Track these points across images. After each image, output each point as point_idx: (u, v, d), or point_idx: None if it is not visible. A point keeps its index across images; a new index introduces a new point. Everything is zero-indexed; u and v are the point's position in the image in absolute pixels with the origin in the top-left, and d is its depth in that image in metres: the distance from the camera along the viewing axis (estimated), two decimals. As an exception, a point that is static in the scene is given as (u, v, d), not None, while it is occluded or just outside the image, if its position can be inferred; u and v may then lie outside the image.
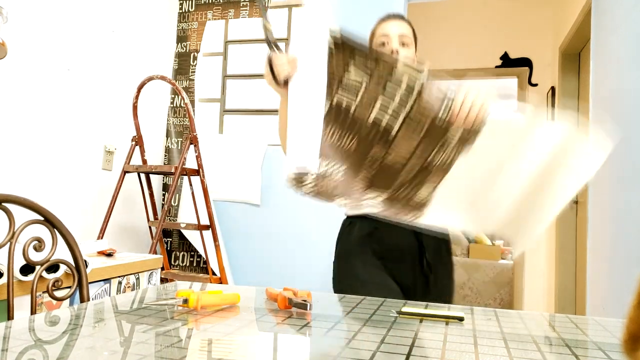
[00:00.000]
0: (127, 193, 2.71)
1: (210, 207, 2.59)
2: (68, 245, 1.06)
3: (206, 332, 0.64)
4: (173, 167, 2.42)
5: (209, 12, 3.07)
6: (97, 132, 2.47)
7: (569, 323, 0.77)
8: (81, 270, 1.06)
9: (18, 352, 0.53)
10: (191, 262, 2.98)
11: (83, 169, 2.39)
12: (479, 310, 0.86)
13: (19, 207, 0.98)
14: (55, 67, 2.19)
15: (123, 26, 2.62)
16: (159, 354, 0.54)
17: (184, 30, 3.12)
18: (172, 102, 3.10)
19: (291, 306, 0.78)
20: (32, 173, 2.09)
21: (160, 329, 0.65)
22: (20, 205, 0.99)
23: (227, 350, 0.57)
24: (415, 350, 0.59)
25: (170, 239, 3.01)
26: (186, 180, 2.92)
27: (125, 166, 2.46)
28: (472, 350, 0.59)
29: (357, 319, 0.74)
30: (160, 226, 2.35)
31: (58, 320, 0.68)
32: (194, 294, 0.76)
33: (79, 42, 2.32)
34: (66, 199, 2.28)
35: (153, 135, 2.96)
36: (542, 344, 0.64)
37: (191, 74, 3.07)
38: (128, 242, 2.76)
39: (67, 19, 2.24)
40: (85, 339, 0.59)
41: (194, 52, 3.08)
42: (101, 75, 2.47)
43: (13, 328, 0.63)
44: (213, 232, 2.59)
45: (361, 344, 0.61)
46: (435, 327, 0.71)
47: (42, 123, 2.13)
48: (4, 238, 0.96)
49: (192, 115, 2.54)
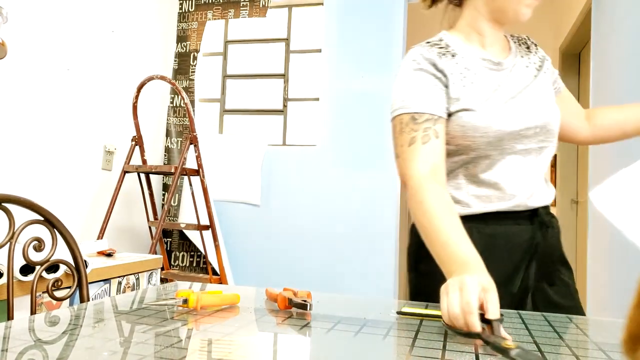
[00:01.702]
0: (127, 193, 2.71)
1: (210, 207, 2.59)
2: (68, 246, 1.06)
3: (206, 332, 0.64)
4: (173, 167, 2.42)
5: (209, 12, 3.07)
6: (97, 132, 2.47)
7: (569, 323, 0.77)
8: (81, 270, 1.06)
9: (18, 352, 0.53)
10: (191, 262, 2.98)
11: (83, 169, 2.39)
12: (479, 310, 0.85)
13: (19, 207, 0.98)
14: (55, 67, 2.19)
15: (123, 26, 2.62)
16: (158, 354, 0.54)
17: (184, 30, 3.12)
18: (172, 102, 3.10)
19: (291, 306, 0.78)
20: (32, 173, 2.09)
21: (160, 329, 0.65)
22: (20, 205, 0.99)
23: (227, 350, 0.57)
24: (415, 350, 0.59)
25: (170, 239, 3.01)
26: (186, 180, 2.92)
27: (125, 166, 2.46)
28: (472, 351, 0.59)
29: (357, 319, 0.74)
30: (160, 226, 2.35)
31: (58, 321, 0.68)
32: (194, 294, 0.76)
33: (79, 42, 2.32)
34: (66, 199, 2.28)
35: (153, 135, 2.96)
36: (542, 344, 0.64)
37: (191, 74, 3.07)
38: (128, 242, 2.76)
39: (67, 19, 2.24)
40: (85, 339, 0.59)
41: (194, 52, 3.08)
42: (101, 75, 2.48)
43: (13, 328, 0.63)
44: (213, 232, 2.59)
45: (361, 344, 0.61)
46: (435, 327, 0.71)
47: (42, 123, 2.13)
48: (4, 238, 0.96)
49: (192, 115, 2.54)
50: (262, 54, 3.13)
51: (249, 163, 2.94)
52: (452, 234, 0.79)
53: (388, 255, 2.68)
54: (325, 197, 2.81)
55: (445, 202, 0.85)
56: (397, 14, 2.78)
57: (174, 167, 2.42)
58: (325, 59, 2.89)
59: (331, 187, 2.80)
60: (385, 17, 2.80)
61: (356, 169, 2.77)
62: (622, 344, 0.41)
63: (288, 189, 2.88)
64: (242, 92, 3.17)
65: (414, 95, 0.94)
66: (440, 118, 0.93)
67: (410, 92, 0.95)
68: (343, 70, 2.85)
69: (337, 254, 2.76)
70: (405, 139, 0.92)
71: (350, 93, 2.82)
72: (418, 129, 0.91)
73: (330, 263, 2.77)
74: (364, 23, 2.84)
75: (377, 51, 2.79)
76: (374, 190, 2.73)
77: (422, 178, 0.88)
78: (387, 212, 2.70)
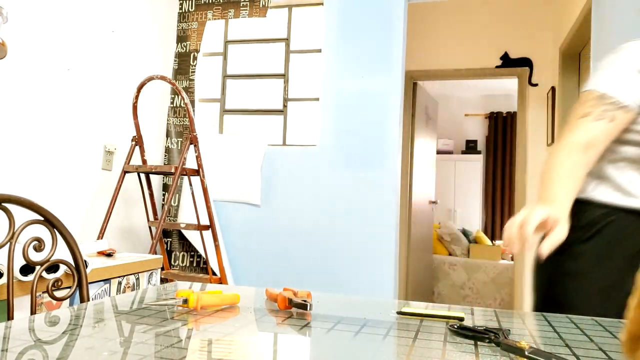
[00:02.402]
0: (127, 193, 2.71)
1: (210, 207, 2.59)
2: (68, 246, 1.06)
3: (206, 332, 0.64)
4: (173, 167, 2.42)
5: (209, 12, 3.07)
6: (97, 132, 2.47)
7: (569, 323, 0.77)
8: (81, 270, 1.06)
9: (18, 352, 0.53)
10: (191, 262, 2.98)
11: (83, 169, 2.39)
12: (479, 310, 0.86)
13: (19, 207, 0.98)
14: (55, 67, 2.19)
15: (123, 26, 2.62)
16: (158, 354, 0.54)
17: (184, 30, 3.12)
18: (172, 102, 3.10)
19: (291, 306, 0.78)
20: (32, 173, 2.09)
21: (160, 329, 0.65)
22: (20, 205, 0.99)
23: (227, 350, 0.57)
24: (415, 350, 0.59)
25: (170, 239, 3.01)
26: (186, 180, 2.92)
27: (125, 166, 2.46)
28: (472, 351, 0.59)
29: (357, 319, 0.74)
30: (160, 226, 2.35)
31: (58, 321, 0.68)
32: (194, 294, 0.76)
33: (79, 42, 2.32)
34: (66, 199, 2.28)
35: (153, 135, 2.96)
36: (543, 345, 0.64)
37: (191, 74, 3.07)
38: (128, 242, 2.76)
39: (67, 19, 2.24)
40: (85, 339, 0.59)
41: (194, 52, 3.08)
42: (101, 75, 2.48)
43: (13, 328, 0.63)
44: (213, 232, 2.59)
45: (361, 344, 0.61)
46: (435, 327, 0.71)
47: (42, 123, 2.13)
48: (4, 238, 0.96)
49: (192, 115, 2.54)
50: (262, 54, 3.13)
51: (249, 163, 2.94)
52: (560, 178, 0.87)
53: (388, 255, 2.68)
54: (325, 197, 2.81)
55: (576, 163, 0.90)
56: (397, 14, 2.78)
57: (174, 167, 2.42)
58: (325, 59, 2.89)
59: (331, 187, 2.80)
60: (385, 17, 2.80)
61: (356, 169, 2.77)
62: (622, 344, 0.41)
63: (288, 189, 2.88)
64: (242, 92, 3.17)
65: (612, 79, 0.95)
66: (626, 107, 0.93)
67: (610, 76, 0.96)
68: (343, 70, 2.85)
69: (337, 254, 2.76)
70: (580, 112, 0.95)
71: (350, 93, 2.82)
72: (598, 107, 0.94)
73: (330, 263, 2.77)
74: (364, 23, 2.84)
75: (377, 51, 2.79)
76: (374, 190, 2.73)
77: (573, 143, 0.92)
78: (387, 212, 2.70)
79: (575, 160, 0.90)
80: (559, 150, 0.92)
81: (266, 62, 3.12)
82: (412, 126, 4.40)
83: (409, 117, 4.37)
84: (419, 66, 4.25)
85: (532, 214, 0.72)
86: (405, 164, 4.35)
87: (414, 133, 4.41)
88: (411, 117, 4.40)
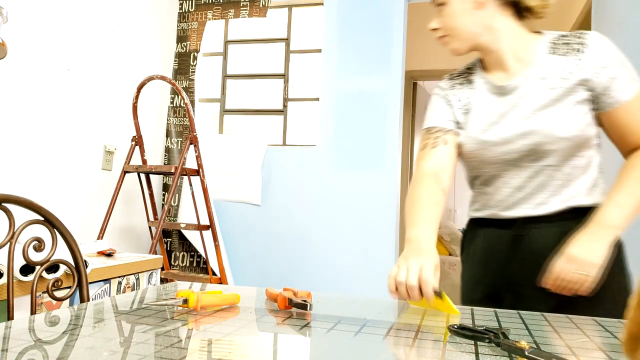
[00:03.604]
0: (127, 193, 2.71)
1: (210, 207, 2.59)
2: (68, 246, 1.06)
3: (206, 332, 0.64)
4: (173, 167, 2.42)
5: (209, 12, 3.07)
6: (97, 132, 2.47)
7: (569, 323, 0.77)
8: (81, 270, 1.06)
9: (18, 352, 0.53)
10: (191, 262, 2.98)
11: (83, 169, 2.39)
12: (479, 310, 0.86)
13: (19, 207, 0.98)
14: (55, 67, 2.19)
15: (123, 26, 2.62)
16: (158, 354, 0.54)
17: (184, 30, 3.12)
18: (172, 102, 3.10)
19: (291, 306, 0.78)
20: (32, 173, 2.09)
21: (160, 329, 0.65)
22: (20, 205, 0.99)
23: (227, 350, 0.57)
24: (415, 350, 0.59)
25: (170, 239, 3.01)
26: (186, 180, 2.92)
27: (125, 166, 2.46)
28: (472, 351, 0.59)
29: (357, 319, 0.74)
30: (160, 226, 2.35)
31: (58, 321, 0.68)
32: (194, 294, 0.76)
33: (79, 42, 2.32)
34: (66, 199, 2.28)
35: (153, 135, 2.96)
36: (543, 345, 0.64)
37: (191, 74, 3.07)
38: (128, 242, 2.76)
39: (67, 19, 2.24)
40: (85, 339, 0.59)
41: (194, 52, 3.08)
42: (101, 75, 2.48)
43: (13, 328, 0.63)
44: (213, 232, 2.59)
45: (361, 344, 0.61)
46: (435, 327, 0.71)
47: (42, 123, 2.13)
48: (4, 238, 0.96)
49: (192, 115, 2.54)
50: (262, 54, 3.13)
51: (249, 163, 2.94)
52: (421, 218, 0.98)
53: (388, 255, 2.68)
54: (325, 197, 2.81)
55: (430, 194, 1.03)
56: (397, 14, 2.78)
57: (174, 167, 2.42)
58: (325, 59, 2.89)
59: (331, 187, 2.80)
60: (385, 17, 2.80)
61: (356, 168, 2.77)
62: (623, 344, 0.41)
63: (288, 189, 2.88)
64: (242, 92, 3.17)
65: (432, 114, 1.15)
66: (450, 130, 1.11)
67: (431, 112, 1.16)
68: (343, 70, 2.85)
69: (337, 254, 2.76)
70: (421, 146, 1.14)
71: (350, 93, 2.82)
72: (430, 137, 1.12)
73: (330, 263, 2.77)
74: (364, 23, 2.84)
75: (377, 51, 2.79)
76: (374, 190, 2.73)
77: (422, 174, 1.07)
78: (387, 212, 2.70)
79: (429, 189, 1.04)
80: (413, 182, 1.07)
81: (266, 62, 3.12)
82: (412, 126, 4.40)
83: (409, 117, 4.37)
84: (419, 66, 4.25)
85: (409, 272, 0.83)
86: (405, 164, 4.35)
87: (414, 133, 4.41)
88: (411, 117, 4.40)
